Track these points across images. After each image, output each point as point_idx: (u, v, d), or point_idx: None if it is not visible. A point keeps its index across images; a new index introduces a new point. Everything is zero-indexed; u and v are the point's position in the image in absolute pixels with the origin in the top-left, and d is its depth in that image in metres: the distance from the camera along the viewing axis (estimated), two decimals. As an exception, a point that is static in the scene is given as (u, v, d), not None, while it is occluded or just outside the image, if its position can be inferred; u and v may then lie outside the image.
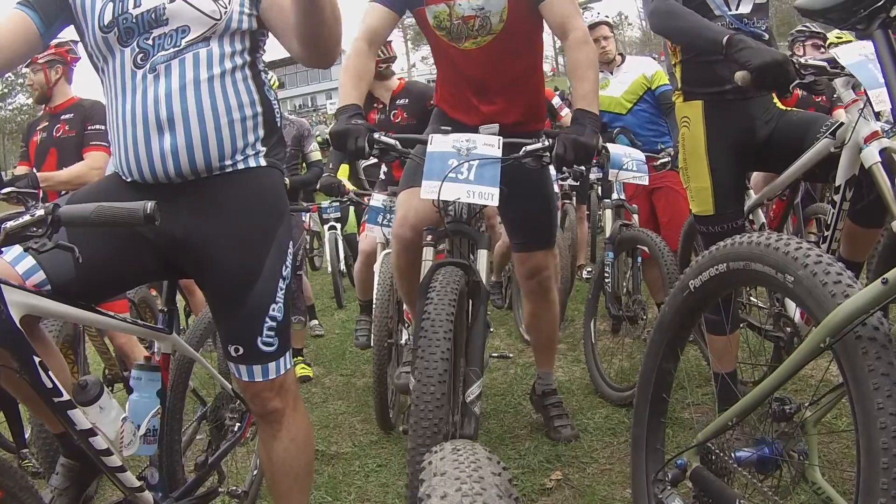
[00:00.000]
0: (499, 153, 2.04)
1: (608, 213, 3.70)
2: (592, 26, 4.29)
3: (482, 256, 2.09)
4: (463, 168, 2.01)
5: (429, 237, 2.16)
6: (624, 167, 3.53)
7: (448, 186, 1.99)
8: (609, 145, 3.62)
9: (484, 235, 2.13)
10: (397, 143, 2.11)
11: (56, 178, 3.23)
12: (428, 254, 2.14)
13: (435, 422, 1.64)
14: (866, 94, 1.96)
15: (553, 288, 2.92)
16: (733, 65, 2.05)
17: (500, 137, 2.08)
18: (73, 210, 1.38)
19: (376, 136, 2.08)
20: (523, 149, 2.09)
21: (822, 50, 5.26)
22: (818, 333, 1.24)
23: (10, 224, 1.34)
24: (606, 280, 3.53)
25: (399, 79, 4.35)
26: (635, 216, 3.71)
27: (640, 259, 3.57)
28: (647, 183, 3.64)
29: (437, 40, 2.49)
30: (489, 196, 1.99)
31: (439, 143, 2.06)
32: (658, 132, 4.32)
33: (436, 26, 2.43)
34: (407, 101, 4.18)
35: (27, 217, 1.35)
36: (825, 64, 2.05)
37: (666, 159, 3.81)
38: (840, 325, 1.20)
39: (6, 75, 1.95)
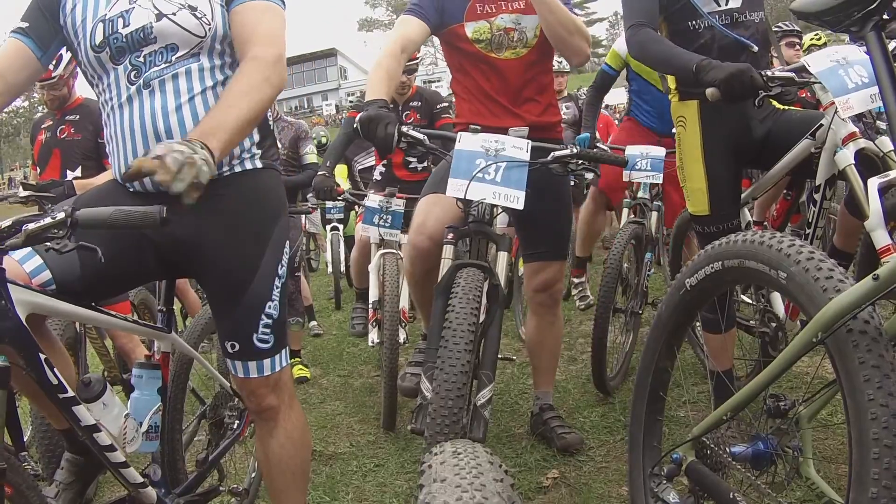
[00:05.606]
0: (527, 156, 2.05)
1: (625, 211, 3.82)
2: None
3: (502, 259, 2.07)
4: (490, 169, 2.01)
5: (450, 235, 2.14)
6: (636, 167, 3.54)
7: (475, 186, 2.00)
8: (628, 147, 3.62)
9: (505, 238, 2.10)
10: (425, 138, 2.13)
11: (93, 184, 3.19)
12: (448, 252, 2.12)
13: (451, 436, 1.66)
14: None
15: (560, 302, 2.92)
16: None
17: (529, 141, 2.09)
18: (90, 213, 1.41)
19: (404, 129, 2.10)
20: (552, 154, 2.10)
21: (797, 47, 5.33)
22: (810, 328, 1.26)
23: (31, 226, 1.37)
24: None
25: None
26: (654, 214, 3.66)
27: (649, 257, 3.55)
28: (660, 181, 3.61)
29: (472, 51, 2.58)
30: (515, 199, 2.00)
31: (468, 141, 2.07)
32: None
33: (475, 39, 2.54)
34: (420, 103, 4.26)
35: (48, 220, 1.38)
36: (793, 74, 2.08)
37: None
38: (832, 319, 1.22)
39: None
